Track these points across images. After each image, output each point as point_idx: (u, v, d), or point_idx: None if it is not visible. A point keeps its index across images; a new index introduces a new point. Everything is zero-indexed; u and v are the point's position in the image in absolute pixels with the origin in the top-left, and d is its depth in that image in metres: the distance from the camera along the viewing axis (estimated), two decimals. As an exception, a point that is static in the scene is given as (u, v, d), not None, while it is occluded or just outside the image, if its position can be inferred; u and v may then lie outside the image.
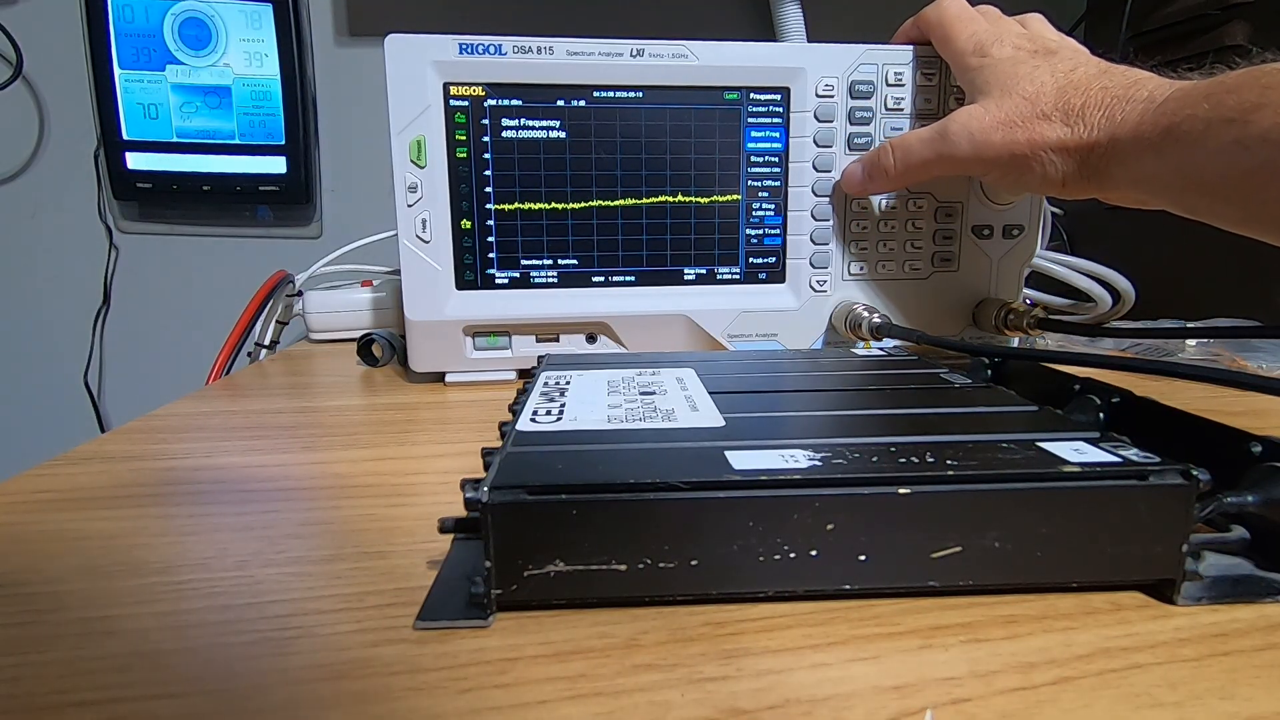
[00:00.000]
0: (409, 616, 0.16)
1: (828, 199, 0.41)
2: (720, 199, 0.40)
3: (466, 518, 0.17)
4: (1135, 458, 0.17)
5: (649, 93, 0.39)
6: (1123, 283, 0.42)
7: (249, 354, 0.54)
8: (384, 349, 0.44)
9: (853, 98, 0.40)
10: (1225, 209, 0.28)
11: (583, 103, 0.38)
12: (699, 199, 0.40)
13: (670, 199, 0.40)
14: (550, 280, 0.40)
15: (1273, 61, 0.26)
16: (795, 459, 0.17)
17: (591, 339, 0.41)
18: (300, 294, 0.56)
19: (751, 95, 0.40)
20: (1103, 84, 0.31)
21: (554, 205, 0.39)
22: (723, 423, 0.21)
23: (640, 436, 0.20)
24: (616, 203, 0.40)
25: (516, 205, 0.39)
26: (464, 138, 0.38)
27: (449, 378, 0.41)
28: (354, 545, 0.20)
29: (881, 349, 0.39)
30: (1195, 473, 0.16)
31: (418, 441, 0.30)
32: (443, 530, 0.17)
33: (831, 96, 0.40)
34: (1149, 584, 0.17)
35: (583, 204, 0.39)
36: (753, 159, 0.40)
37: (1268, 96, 0.24)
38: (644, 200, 0.40)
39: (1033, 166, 0.33)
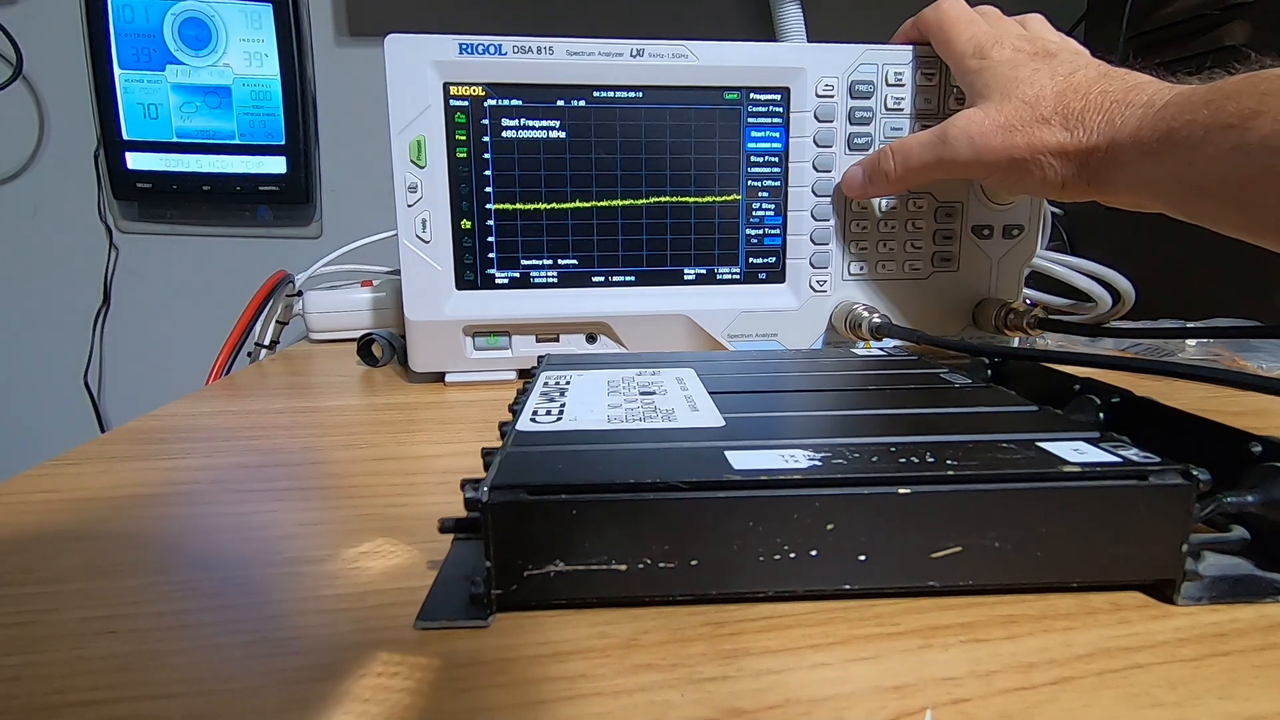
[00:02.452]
0: (409, 616, 0.16)
1: (828, 199, 0.41)
2: (720, 199, 0.40)
3: (466, 518, 0.17)
4: (1135, 458, 0.17)
5: (649, 93, 0.39)
6: (1123, 283, 0.42)
7: (249, 354, 0.54)
8: (384, 349, 0.44)
9: (853, 98, 0.40)
10: (1224, 214, 0.28)
11: (583, 103, 0.38)
12: (699, 199, 0.40)
13: (670, 199, 0.40)
14: (550, 280, 0.40)
15: (1271, 67, 0.26)
16: (795, 459, 0.17)
17: (591, 339, 0.41)
18: (300, 294, 0.56)
19: (751, 95, 0.40)
20: (1102, 88, 0.31)
21: (554, 205, 0.39)
22: (723, 423, 0.21)
23: (640, 436, 0.20)
24: (616, 203, 0.40)
25: (516, 205, 0.39)
26: (464, 138, 0.38)
27: (449, 378, 0.41)
28: (354, 545, 0.20)
29: (881, 349, 0.39)
30: (1195, 473, 0.16)
31: (418, 441, 0.30)
32: (443, 530, 0.17)
33: (831, 96, 0.40)
34: (1149, 584, 0.17)
35: (583, 204, 0.39)
36: (753, 159, 0.40)
37: (1267, 103, 0.24)
38: (644, 200, 0.40)
39: (1031, 170, 0.33)
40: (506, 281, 0.40)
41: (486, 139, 0.38)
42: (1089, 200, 0.33)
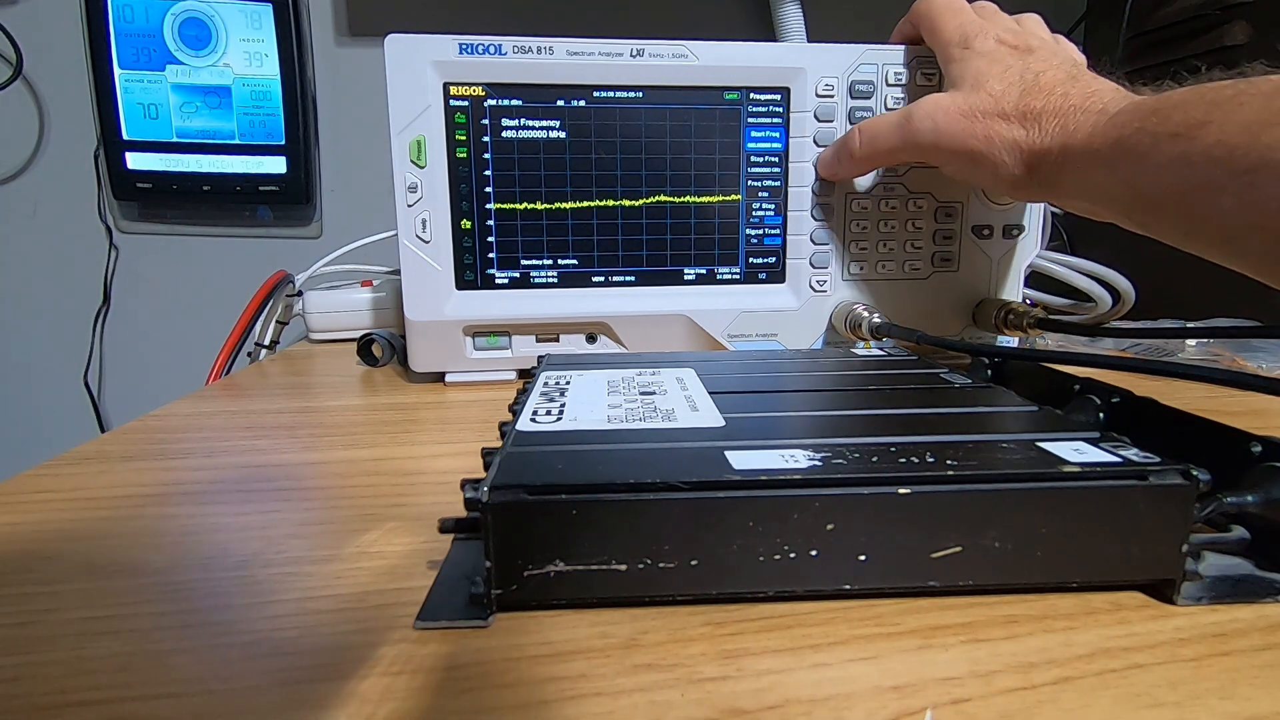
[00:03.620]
0: (409, 616, 0.16)
1: (828, 199, 0.41)
2: (720, 199, 0.40)
3: (466, 518, 0.17)
4: (1135, 458, 0.17)
5: (649, 93, 0.39)
6: (1123, 283, 0.42)
7: (249, 354, 0.54)
8: (384, 349, 0.44)
9: (853, 98, 0.40)
10: (1169, 224, 0.28)
11: (583, 103, 0.38)
12: (699, 199, 0.40)
13: (670, 199, 0.40)
14: (550, 280, 0.40)
15: (1220, 79, 0.26)
16: (795, 459, 0.17)
17: (591, 339, 0.41)
18: (300, 294, 0.56)
19: (751, 95, 0.40)
20: (1064, 90, 0.31)
21: (554, 205, 0.39)
22: (723, 423, 0.21)
23: (640, 436, 0.20)
24: (616, 203, 0.40)
25: (516, 205, 0.39)
26: (464, 138, 0.38)
27: (449, 378, 0.41)
28: (354, 545, 0.20)
29: (881, 349, 0.39)
30: (1195, 473, 0.16)
31: (418, 441, 0.30)
32: (443, 530, 0.17)
33: (831, 96, 0.40)
34: (1149, 584, 0.17)
35: (583, 204, 0.39)
36: (753, 159, 0.40)
37: (1213, 114, 0.25)
38: (644, 200, 0.40)
39: (985, 162, 0.33)
40: (506, 281, 0.40)
41: (486, 139, 0.38)
42: (1042, 201, 0.33)
